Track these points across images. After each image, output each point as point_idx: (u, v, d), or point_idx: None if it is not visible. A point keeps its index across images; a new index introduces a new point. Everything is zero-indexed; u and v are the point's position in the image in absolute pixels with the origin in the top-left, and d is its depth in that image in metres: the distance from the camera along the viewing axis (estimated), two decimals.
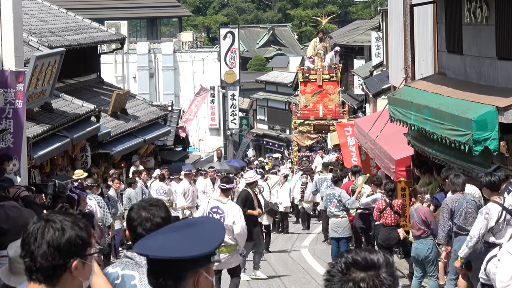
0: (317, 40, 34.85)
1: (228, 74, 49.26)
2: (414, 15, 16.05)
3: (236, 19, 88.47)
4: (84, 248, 3.16)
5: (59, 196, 9.70)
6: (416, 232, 11.89)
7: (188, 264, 2.92)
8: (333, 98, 33.89)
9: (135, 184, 19.69)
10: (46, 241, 3.10)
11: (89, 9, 48.76)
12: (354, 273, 2.49)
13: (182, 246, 2.91)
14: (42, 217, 3.19)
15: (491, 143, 10.19)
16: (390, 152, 15.62)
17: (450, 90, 12.46)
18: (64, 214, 3.21)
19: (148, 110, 28.98)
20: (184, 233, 2.98)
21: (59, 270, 3.12)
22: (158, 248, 2.93)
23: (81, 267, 3.16)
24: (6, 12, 14.89)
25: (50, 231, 3.12)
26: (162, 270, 2.95)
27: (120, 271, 4.59)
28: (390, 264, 2.51)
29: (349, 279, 2.49)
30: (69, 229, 3.13)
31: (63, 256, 3.11)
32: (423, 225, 11.77)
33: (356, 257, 2.51)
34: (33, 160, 17.30)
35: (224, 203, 12.15)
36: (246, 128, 56.99)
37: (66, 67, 20.01)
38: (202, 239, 2.95)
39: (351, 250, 2.57)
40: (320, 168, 28.81)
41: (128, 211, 4.83)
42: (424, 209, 11.88)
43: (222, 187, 12.34)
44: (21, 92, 14.73)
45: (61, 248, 3.10)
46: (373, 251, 2.55)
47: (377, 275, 2.48)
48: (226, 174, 16.49)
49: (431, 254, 11.85)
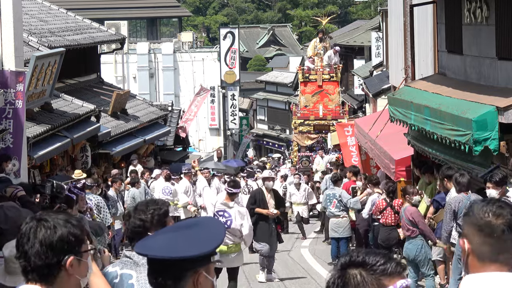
0: (317, 40, 34.84)
1: (228, 74, 49.25)
2: (414, 15, 16.04)
3: (236, 19, 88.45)
4: (77, 245, 3.15)
5: (56, 196, 9.70)
6: (406, 233, 11.92)
7: (187, 264, 2.92)
8: (333, 98, 33.89)
9: (138, 183, 19.70)
10: (39, 240, 3.10)
11: (89, 9, 48.75)
12: (351, 270, 2.57)
13: (182, 246, 2.91)
14: (34, 216, 3.19)
15: (491, 143, 10.19)
16: (390, 152, 15.62)
17: (450, 90, 12.46)
18: (57, 213, 3.21)
19: (148, 110, 28.97)
20: (184, 233, 2.99)
21: (54, 269, 3.12)
22: (157, 248, 2.93)
23: (77, 264, 3.16)
24: (6, 12, 14.88)
25: (42, 230, 3.12)
26: (161, 270, 2.95)
27: (119, 270, 4.63)
28: (383, 264, 2.55)
29: (341, 274, 2.57)
30: (61, 227, 3.12)
31: (56, 254, 3.10)
32: (411, 225, 11.77)
33: (359, 256, 2.57)
34: (33, 160, 17.30)
35: (231, 207, 12.18)
36: (246, 128, 56.98)
37: (66, 67, 20.00)
38: (201, 239, 2.95)
39: (357, 250, 2.62)
40: (322, 167, 28.84)
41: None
42: (412, 209, 11.89)
43: (229, 191, 12.25)
44: (21, 92, 14.72)
45: (53, 246, 3.10)
46: (370, 251, 2.58)
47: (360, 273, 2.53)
48: (233, 178, 16.44)
49: (421, 254, 11.84)
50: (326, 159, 30.21)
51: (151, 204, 4.71)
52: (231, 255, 12.21)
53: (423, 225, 11.80)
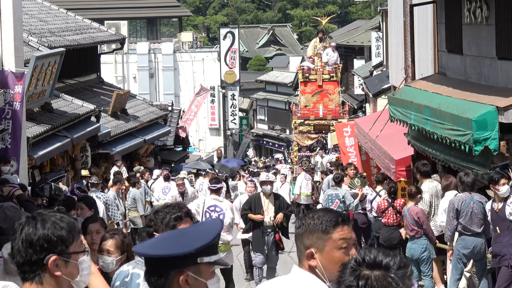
0: (317, 40, 34.83)
1: (228, 74, 49.23)
2: (414, 15, 16.04)
3: (236, 19, 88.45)
4: (62, 246, 3.12)
5: (55, 198, 9.70)
6: (410, 233, 11.90)
7: (170, 262, 2.93)
8: (333, 98, 33.88)
9: (139, 184, 19.68)
10: (20, 238, 3.11)
11: (89, 9, 48.73)
12: (364, 270, 2.59)
13: (167, 245, 2.93)
14: (27, 215, 3.19)
15: (491, 143, 10.19)
16: (390, 152, 15.61)
17: (450, 90, 12.45)
18: (54, 212, 3.20)
19: (148, 110, 28.97)
20: (179, 233, 3.01)
21: (37, 267, 3.10)
22: (148, 247, 2.98)
23: (63, 265, 3.13)
24: (6, 12, 14.87)
25: (25, 227, 3.12)
26: (150, 268, 2.99)
27: (131, 269, 4.79)
28: (403, 267, 2.56)
29: (359, 275, 2.59)
30: (45, 226, 3.11)
31: (36, 252, 3.09)
32: (415, 225, 11.77)
33: (370, 255, 2.58)
34: (33, 160, 17.29)
35: (221, 201, 12.57)
36: (246, 128, 56.97)
37: (66, 67, 19.98)
38: (187, 239, 2.95)
39: (365, 248, 2.65)
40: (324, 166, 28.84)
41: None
42: (417, 209, 11.88)
43: (212, 188, 12.58)
44: (20, 94, 14.71)
45: (33, 243, 3.09)
46: (389, 252, 2.60)
47: (384, 275, 2.53)
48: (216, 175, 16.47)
49: (425, 253, 11.85)
50: (326, 159, 30.20)
51: (168, 207, 4.74)
52: (221, 255, 12.08)
53: (427, 225, 11.80)
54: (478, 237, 10.82)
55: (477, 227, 10.77)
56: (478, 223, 10.77)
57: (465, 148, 10.54)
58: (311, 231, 3.35)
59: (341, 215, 3.40)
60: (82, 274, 3.20)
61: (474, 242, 10.80)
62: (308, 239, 3.35)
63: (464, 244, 10.84)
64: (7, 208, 5.91)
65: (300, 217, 3.45)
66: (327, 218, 3.36)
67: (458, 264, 11.03)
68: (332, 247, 3.33)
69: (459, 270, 11.10)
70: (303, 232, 3.36)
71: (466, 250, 10.84)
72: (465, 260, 11.00)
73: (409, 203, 12.04)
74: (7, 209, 5.88)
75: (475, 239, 10.81)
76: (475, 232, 10.78)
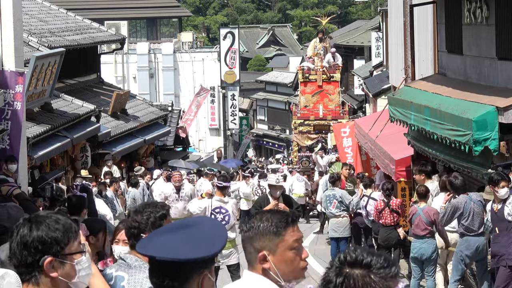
0: (317, 41, 34.83)
1: (228, 74, 49.23)
2: (414, 15, 16.05)
3: (236, 19, 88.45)
4: (57, 247, 3.11)
5: (56, 199, 9.67)
6: (421, 232, 11.85)
7: (195, 265, 2.92)
8: (333, 98, 33.89)
9: (138, 184, 19.67)
10: (16, 240, 3.11)
11: (89, 9, 48.75)
12: (346, 268, 2.55)
13: (189, 247, 2.90)
14: (24, 217, 3.19)
15: (491, 143, 10.20)
16: (390, 152, 15.61)
17: (450, 90, 12.46)
18: (53, 213, 3.20)
19: (148, 110, 28.98)
20: (186, 233, 2.97)
21: (30, 268, 3.10)
22: (164, 249, 2.92)
23: (59, 266, 3.12)
24: (6, 12, 14.86)
25: (21, 229, 3.12)
26: (168, 272, 2.93)
27: (114, 272, 4.68)
28: (386, 267, 2.53)
29: (339, 273, 2.55)
30: (40, 227, 3.11)
31: (31, 254, 3.09)
32: (430, 225, 11.76)
33: (352, 254, 2.57)
34: (33, 160, 17.29)
35: (226, 202, 12.46)
36: (246, 128, 56.97)
37: (66, 67, 19.99)
38: (207, 240, 2.95)
39: (352, 248, 2.62)
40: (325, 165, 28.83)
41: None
42: (433, 209, 11.84)
43: (218, 185, 12.61)
44: (20, 94, 14.70)
45: (28, 245, 3.08)
46: (373, 252, 2.57)
47: (364, 275, 2.51)
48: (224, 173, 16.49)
49: (434, 254, 11.86)
50: (326, 159, 30.19)
51: (150, 206, 4.73)
52: (226, 252, 12.17)
53: (442, 227, 11.76)
54: (480, 237, 10.84)
55: (479, 227, 10.79)
56: (479, 223, 10.79)
57: (465, 148, 10.55)
58: (262, 234, 3.32)
59: (290, 215, 3.38)
60: (80, 275, 3.18)
61: (477, 242, 10.82)
62: (259, 241, 3.32)
63: (467, 245, 10.85)
64: (10, 207, 5.98)
65: (246, 221, 3.42)
66: (277, 219, 3.34)
67: (459, 265, 11.03)
68: (285, 248, 3.32)
69: (460, 271, 11.10)
70: (253, 235, 3.33)
71: (469, 250, 10.85)
72: (468, 261, 11.01)
73: (422, 203, 12.01)
74: (10, 208, 5.94)
75: (478, 239, 10.83)
76: (477, 232, 10.80)
